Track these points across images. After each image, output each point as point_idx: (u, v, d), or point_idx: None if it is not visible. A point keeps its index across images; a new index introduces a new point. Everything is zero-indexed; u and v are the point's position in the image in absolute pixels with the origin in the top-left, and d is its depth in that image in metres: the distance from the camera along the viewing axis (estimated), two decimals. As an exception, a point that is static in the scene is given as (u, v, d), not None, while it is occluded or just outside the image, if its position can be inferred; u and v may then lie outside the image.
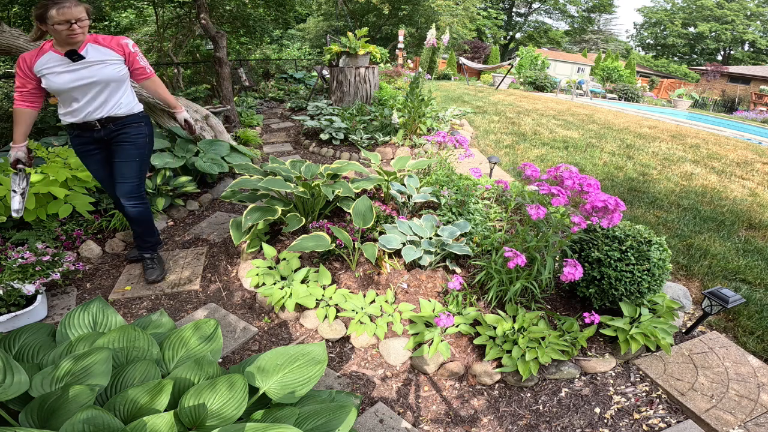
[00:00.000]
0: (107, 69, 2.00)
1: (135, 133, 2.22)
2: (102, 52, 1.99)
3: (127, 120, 2.19)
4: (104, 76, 2.00)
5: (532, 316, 2.00)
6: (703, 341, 2.10)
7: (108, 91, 2.05)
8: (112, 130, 2.16)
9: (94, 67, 1.97)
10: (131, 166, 2.26)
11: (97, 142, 2.20)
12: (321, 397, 1.23)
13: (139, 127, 2.24)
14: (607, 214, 1.67)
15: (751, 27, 32.66)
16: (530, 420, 1.71)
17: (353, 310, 2.11)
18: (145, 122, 2.28)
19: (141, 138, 2.26)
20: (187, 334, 1.31)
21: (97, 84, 2.00)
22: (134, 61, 2.11)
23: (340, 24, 16.96)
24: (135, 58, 2.11)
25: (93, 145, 2.20)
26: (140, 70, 2.15)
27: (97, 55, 1.97)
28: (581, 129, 6.77)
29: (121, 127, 2.17)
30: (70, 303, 2.29)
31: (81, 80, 1.95)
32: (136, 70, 2.14)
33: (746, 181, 4.66)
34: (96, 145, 2.21)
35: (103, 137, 2.17)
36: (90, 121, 2.07)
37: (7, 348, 1.21)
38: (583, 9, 38.73)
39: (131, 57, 2.09)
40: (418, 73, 4.76)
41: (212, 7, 8.38)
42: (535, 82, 16.10)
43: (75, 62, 1.92)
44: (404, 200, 2.89)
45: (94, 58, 1.96)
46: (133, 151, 2.24)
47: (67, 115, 2.07)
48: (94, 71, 1.97)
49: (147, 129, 2.29)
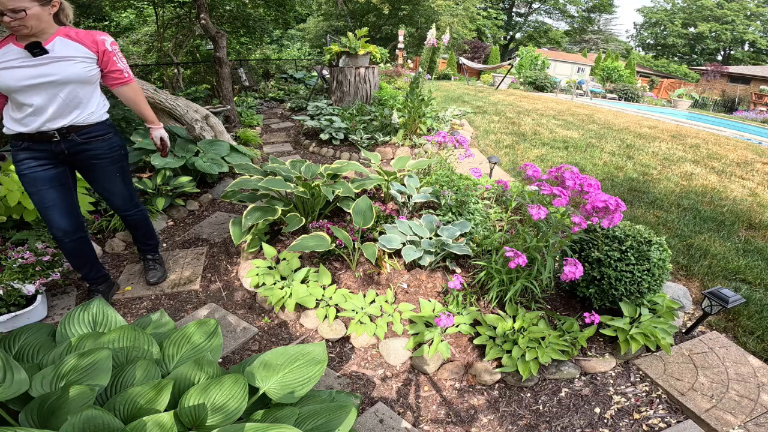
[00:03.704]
0: (75, 67, 1.68)
1: (108, 147, 1.92)
2: (71, 46, 1.67)
3: (95, 131, 1.85)
4: (69, 75, 1.67)
5: (532, 316, 2.00)
6: (703, 341, 2.10)
7: (72, 94, 1.72)
8: (75, 143, 1.81)
9: (59, 63, 1.64)
10: (115, 182, 2.02)
11: (52, 157, 1.81)
12: (321, 397, 1.23)
13: (111, 140, 1.93)
14: (607, 214, 1.67)
15: (751, 27, 32.67)
16: (530, 420, 1.71)
17: (353, 310, 2.11)
18: (114, 131, 1.97)
19: (116, 152, 1.97)
20: (187, 333, 1.31)
21: (58, 84, 1.66)
22: (110, 61, 1.78)
23: (340, 24, 16.97)
24: (111, 58, 1.78)
25: (44, 160, 1.80)
26: (116, 74, 1.83)
27: (64, 50, 1.65)
28: (581, 129, 6.77)
29: (88, 140, 1.84)
30: (70, 303, 2.29)
31: (38, 78, 1.61)
32: (111, 73, 1.82)
33: (746, 181, 4.66)
34: (49, 160, 1.81)
35: (63, 151, 1.80)
36: (47, 131, 1.72)
37: (7, 348, 1.21)
38: (583, 9, 38.74)
39: (106, 56, 1.76)
40: (418, 73, 4.76)
41: (212, 7, 8.39)
42: (535, 82, 16.11)
43: (36, 57, 1.60)
44: (404, 200, 2.89)
45: (61, 54, 1.64)
46: (111, 167, 1.96)
47: (16, 123, 1.70)
48: (57, 68, 1.64)
49: (118, 139, 1.99)
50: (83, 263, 2.12)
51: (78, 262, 2.10)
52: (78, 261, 2.09)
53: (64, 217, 1.92)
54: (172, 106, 3.74)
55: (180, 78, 8.50)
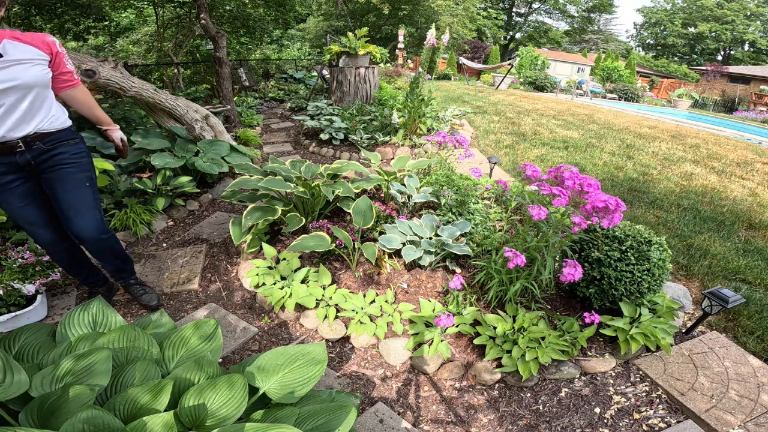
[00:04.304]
0: (33, 70, 1.57)
1: (75, 152, 1.79)
2: (24, 50, 1.56)
3: (61, 136, 1.74)
4: (29, 79, 1.56)
5: (532, 316, 2.00)
6: (703, 341, 2.10)
7: (33, 100, 1.60)
8: (41, 152, 1.69)
9: (16, 67, 1.53)
10: (84, 194, 1.81)
11: (18, 171, 1.69)
12: (321, 397, 1.23)
13: (77, 145, 1.81)
14: (607, 214, 1.67)
15: (751, 27, 32.67)
16: (530, 420, 1.71)
17: (353, 310, 2.11)
18: (80, 138, 1.86)
19: (84, 157, 1.83)
20: (187, 333, 1.31)
21: (20, 89, 1.54)
22: (60, 63, 1.68)
23: (340, 24, 16.97)
24: (62, 60, 1.68)
25: (12, 175, 1.68)
26: (67, 76, 1.73)
27: (17, 53, 1.54)
28: (581, 129, 6.77)
29: (53, 146, 1.72)
30: (70, 303, 2.29)
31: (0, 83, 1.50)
32: (61, 76, 1.71)
33: (746, 181, 4.66)
34: (16, 174, 1.69)
35: (30, 161, 1.68)
36: (10, 140, 1.59)
37: (7, 348, 1.21)
38: (583, 9, 38.75)
39: (57, 58, 1.67)
40: (418, 73, 4.76)
41: (212, 7, 8.39)
42: (535, 82, 16.11)
43: None
44: (404, 200, 2.89)
45: (15, 57, 1.53)
46: (80, 174, 1.80)
47: None
48: (14, 72, 1.52)
49: (84, 146, 1.86)
50: (80, 269, 2.09)
51: (74, 269, 2.06)
52: (74, 268, 2.06)
53: (49, 230, 1.84)
54: (172, 106, 3.73)
55: (180, 78, 8.50)
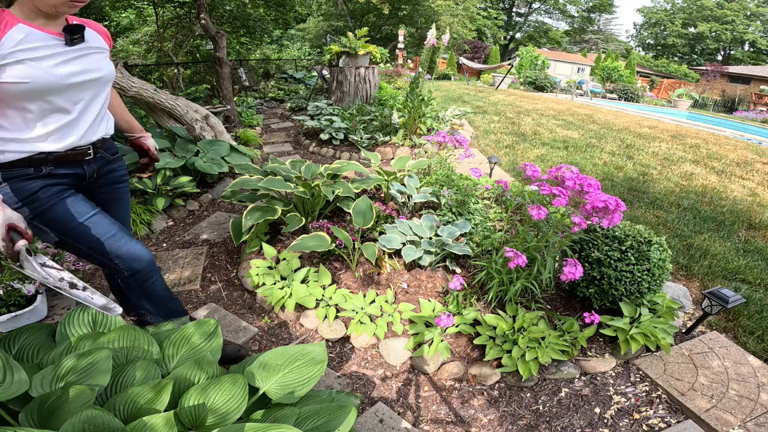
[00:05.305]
0: (107, 62, 1.37)
1: (124, 166, 1.58)
2: (95, 37, 1.34)
3: (112, 146, 1.51)
4: (108, 72, 1.35)
5: (532, 316, 2.00)
6: (703, 341, 2.10)
7: (105, 97, 1.41)
8: (105, 162, 1.46)
9: (95, 56, 1.30)
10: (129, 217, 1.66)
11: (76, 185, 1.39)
12: (321, 397, 1.23)
13: (122, 158, 1.58)
14: (607, 214, 1.67)
15: (751, 27, 32.68)
16: (530, 420, 1.71)
17: (353, 310, 2.11)
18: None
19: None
20: (187, 334, 1.31)
21: (99, 83, 1.33)
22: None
23: (340, 24, 16.97)
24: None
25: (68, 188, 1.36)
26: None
27: (93, 40, 1.32)
28: (581, 129, 6.77)
29: (113, 155, 1.50)
30: (70, 303, 2.29)
31: (84, 74, 1.25)
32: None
33: (746, 181, 4.66)
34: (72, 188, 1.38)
35: (93, 174, 1.42)
36: (83, 145, 1.33)
37: (7, 348, 1.21)
38: (583, 9, 38.76)
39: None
40: (418, 73, 4.76)
41: (212, 7, 8.39)
42: (535, 82, 16.11)
43: (72, 45, 1.22)
44: (404, 200, 2.89)
45: (94, 45, 1.31)
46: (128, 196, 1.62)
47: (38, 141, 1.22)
48: (96, 62, 1.30)
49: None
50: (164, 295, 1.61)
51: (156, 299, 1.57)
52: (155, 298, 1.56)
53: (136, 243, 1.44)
54: (172, 106, 3.74)
55: (180, 78, 8.49)
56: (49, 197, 1.29)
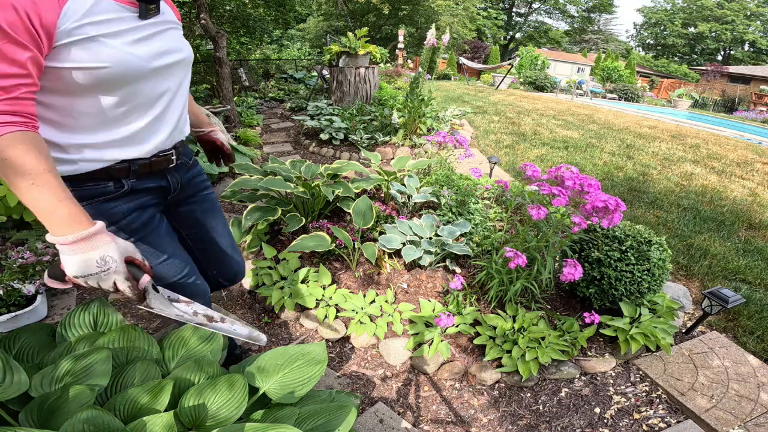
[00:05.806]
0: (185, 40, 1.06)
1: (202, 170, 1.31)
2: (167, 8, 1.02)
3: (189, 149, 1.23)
4: (190, 54, 1.06)
5: (532, 316, 2.00)
6: (703, 341, 2.10)
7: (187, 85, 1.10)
8: (186, 169, 1.20)
9: (174, 32, 1.01)
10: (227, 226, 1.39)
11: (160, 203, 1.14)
12: (321, 397, 1.23)
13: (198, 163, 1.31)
14: (607, 214, 1.67)
15: (751, 27, 32.70)
16: (530, 420, 1.71)
17: (353, 310, 2.11)
18: None
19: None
20: (187, 333, 1.31)
21: (183, 65, 1.04)
22: None
23: (340, 24, 16.97)
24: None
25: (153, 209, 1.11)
26: None
27: (169, 12, 1.02)
28: (581, 129, 6.77)
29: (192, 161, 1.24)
30: (70, 303, 2.29)
31: (167, 56, 0.96)
32: None
33: (746, 181, 4.66)
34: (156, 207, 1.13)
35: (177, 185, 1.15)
36: (167, 149, 1.07)
37: (7, 348, 1.21)
38: (583, 9, 38.78)
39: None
40: (418, 73, 4.76)
41: (212, 7, 8.38)
42: (535, 82, 16.11)
43: (147, 18, 0.91)
44: (404, 200, 2.89)
45: (169, 17, 1.01)
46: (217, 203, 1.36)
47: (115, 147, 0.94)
48: (177, 40, 1.01)
49: None
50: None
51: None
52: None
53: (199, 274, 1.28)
54: (172, 106, 3.73)
55: (180, 78, 8.49)
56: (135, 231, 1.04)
